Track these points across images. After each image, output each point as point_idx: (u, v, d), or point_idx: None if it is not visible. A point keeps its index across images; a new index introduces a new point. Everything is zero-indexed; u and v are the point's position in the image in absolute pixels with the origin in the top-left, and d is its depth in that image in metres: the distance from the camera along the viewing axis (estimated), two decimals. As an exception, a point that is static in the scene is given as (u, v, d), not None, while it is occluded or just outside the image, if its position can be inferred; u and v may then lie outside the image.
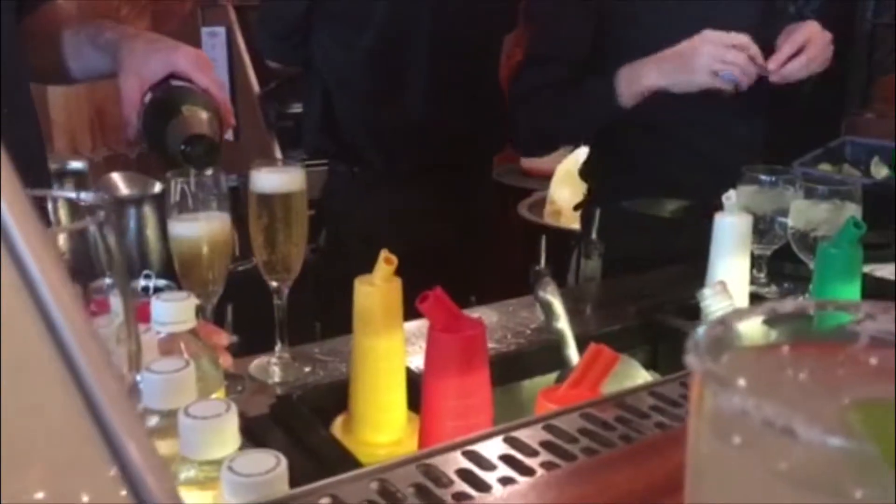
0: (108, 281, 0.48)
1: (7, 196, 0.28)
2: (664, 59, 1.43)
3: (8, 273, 0.28)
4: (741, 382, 0.29)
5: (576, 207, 1.86)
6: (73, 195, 0.44)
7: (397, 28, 1.72)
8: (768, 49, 1.48)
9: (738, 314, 0.33)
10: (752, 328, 0.33)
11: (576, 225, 1.85)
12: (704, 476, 0.29)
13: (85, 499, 0.28)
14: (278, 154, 2.29)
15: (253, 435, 0.86)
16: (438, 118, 1.77)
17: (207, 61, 1.07)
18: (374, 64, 1.75)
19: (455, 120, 1.79)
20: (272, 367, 1.07)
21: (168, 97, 1.01)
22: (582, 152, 2.22)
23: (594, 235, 1.39)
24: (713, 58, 1.38)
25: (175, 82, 1.03)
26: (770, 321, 0.34)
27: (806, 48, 1.42)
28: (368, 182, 1.80)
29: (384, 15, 1.70)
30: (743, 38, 1.40)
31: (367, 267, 0.92)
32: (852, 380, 0.30)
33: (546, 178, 2.63)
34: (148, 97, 1.03)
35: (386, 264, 0.90)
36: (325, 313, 1.68)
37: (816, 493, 0.25)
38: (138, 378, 0.64)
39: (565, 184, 2.44)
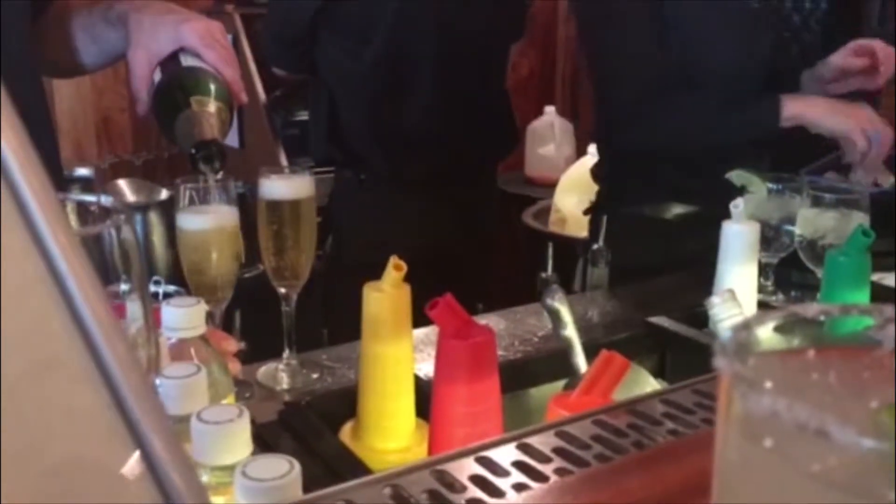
0: (123, 287, 0.48)
1: (37, 195, 0.28)
2: (836, 109, 1.47)
3: (37, 269, 0.28)
4: (769, 385, 0.29)
5: (585, 212, 1.86)
6: (93, 198, 0.44)
7: (404, 37, 1.72)
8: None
9: (762, 318, 0.33)
10: (776, 332, 0.33)
11: (581, 233, 1.85)
12: (734, 480, 0.29)
13: (110, 494, 0.28)
14: (284, 162, 2.30)
15: (262, 441, 0.86)
16: (444, 126, 1.77)
17: (217, 34, 1.04)
18: (380, 72, 1.75)
19: (461, 128, 1.79)
20: (280, 373, 1.07)
21: (176, 82, 0.99)
22: (588, 159, 2.22)
23: (601, 242, 1.39)
24: (863, 133, 1.44)
25: (184, 57, 1.02)
26: (793, 325, 0.34)
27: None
28: (375, 189, 1.81)
29: (390, 24, 1.70)
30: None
31: (374, 274, 0.92)
32: (879, 383, 0.30)
33: (551, 186, 2.63)
34: (157, 74, 1.02)
35: (395, 270, 0.90)
36: (332, 320, 1.68)
37: (850, 496, 0.25)
38: (157, 382, 0.64)
39: (570, 192, 2.44)
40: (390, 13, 1.70)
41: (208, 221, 0.98)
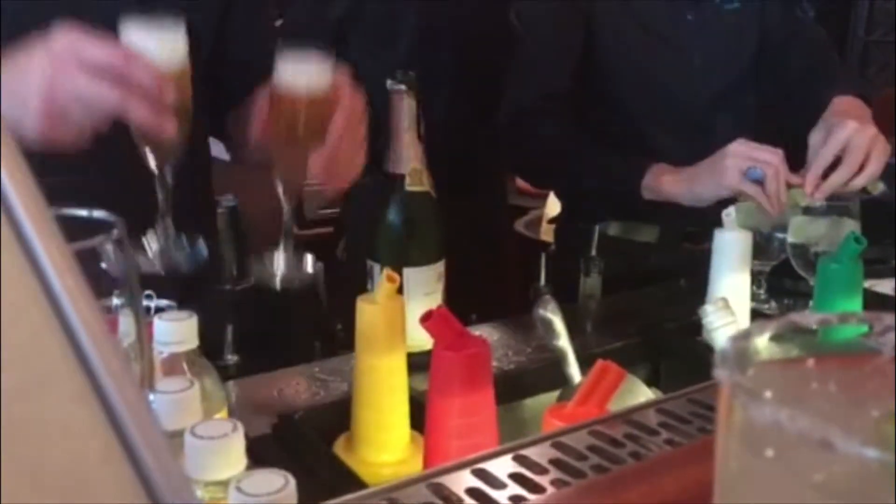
0: (115, 301, 0.47)
1: (30, 211, 0.28)
2: (696, 177, 1.32)
3: (31, 286, 0.27)
4: (769, 395, 0.29)
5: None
6: (84, 213, 0.44)
7: (426, 44, 1.74)
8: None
9: (760, 327, 0.33)
10: (774, 342, 0.33)
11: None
12: (735, 490, 0.29)
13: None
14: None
15: (255, 455, 0.85)
16: (459, 134, 1.78)
17: None
18: None
19: (475, 136, 1.81)
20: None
21: None
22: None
23: (594, 252, 1.39)
24: (740, 157, 1.25)
25: None
26: (791, 334, 0.34)
27: (845, 156, 1.24)
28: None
29: (413, 32, 1.72)
30: (772, 152, 1.25)
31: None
32: (880, 392, 0.30)
33: (542, 196, 2.64)
34: None
35: (388, 282, 0.90)
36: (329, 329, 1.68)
37: (853, 506, 0.25)
38: (151, 397, 0.63)
39: (561, 202, 2.45)
40: (414, 18, 1.72)
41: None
